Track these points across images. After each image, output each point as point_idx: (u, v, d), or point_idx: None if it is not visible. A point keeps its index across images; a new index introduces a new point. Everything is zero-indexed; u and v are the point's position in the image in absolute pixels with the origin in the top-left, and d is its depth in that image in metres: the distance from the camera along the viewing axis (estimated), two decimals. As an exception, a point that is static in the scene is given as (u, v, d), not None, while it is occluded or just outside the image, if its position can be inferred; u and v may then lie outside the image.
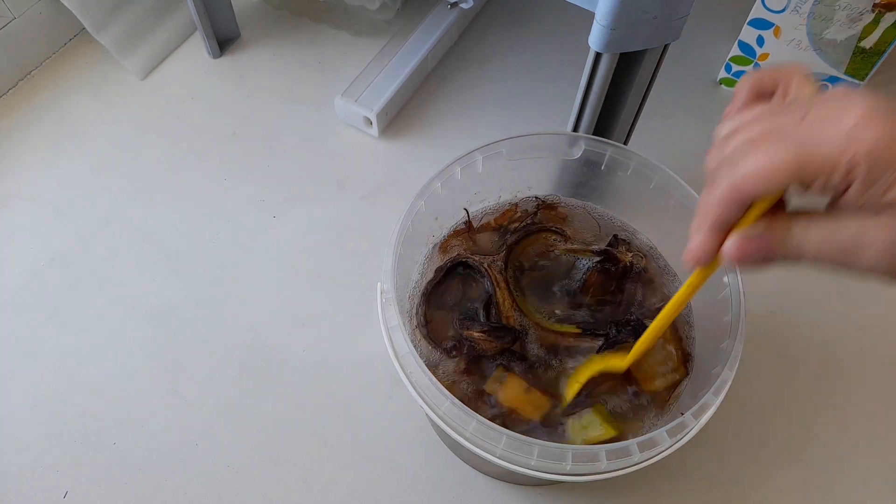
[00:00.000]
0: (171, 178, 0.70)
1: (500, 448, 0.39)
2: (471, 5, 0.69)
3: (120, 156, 0.72)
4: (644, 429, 0.45)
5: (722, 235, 0.30)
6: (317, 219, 0.67)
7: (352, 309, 0.62)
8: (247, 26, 0.81)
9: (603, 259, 0.50)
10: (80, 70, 0.78)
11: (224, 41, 0.80)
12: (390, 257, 0.44)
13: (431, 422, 0.44)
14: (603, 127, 0.55)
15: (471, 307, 0.48)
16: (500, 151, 0.49)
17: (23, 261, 0.64)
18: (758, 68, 0.72)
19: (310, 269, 0.64)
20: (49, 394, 0.57)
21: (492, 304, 0.48)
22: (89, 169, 0.70)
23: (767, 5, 0.67)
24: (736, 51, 0.72)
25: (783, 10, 0.66)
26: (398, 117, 0.74)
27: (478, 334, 0.46)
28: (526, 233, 0.52)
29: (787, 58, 0.69)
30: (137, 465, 0.54)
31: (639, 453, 0.38)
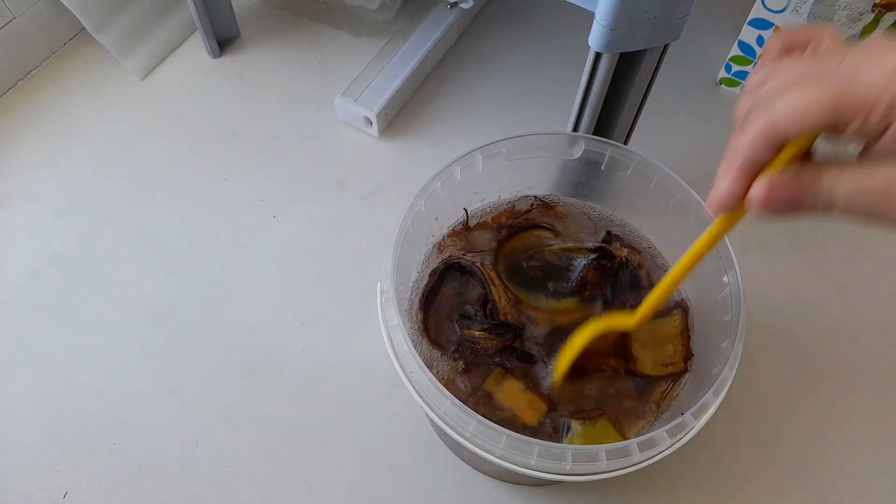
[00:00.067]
0: (171, 178, 0.70)
1: (500, 448, 0.39)
2: (471, 5, 0.69)
3: (120, 156, 0.72)
4: (644, 428, 0.45)
5: (750, 179, 0.29)
6: (317, 219, 0.67)
7: (352, 309, 0.62)
8: (247, 26, 0.81)
9: (599, 256, 0.50)
10: (80, 70, 0.78)
11: (224, 41, 0.80)
12: (390, 257, 0.44)
13: (431, 422, 0.44)
14: (603, 127, 0.55)
15: (468, 308, 0.49)
16: (500, 151, 0.49)
17: (23, 261, 0.64)
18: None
19: (310, 269, 0.64)
20: (49, 394, 0.57)
21: (488, 303, 0.48)
22: (89, 169, 0.70)
23: (767, 5, 0.67)
24: (736, 51, 0.72)
25: (783, 10, 0.66)
26: (398, 117, 0.74)
27: (478, 333, 0.46)
28: (516, 229, 0.52)
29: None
30: (137, 465, 0.54)
31: (639, 453, 0.38)
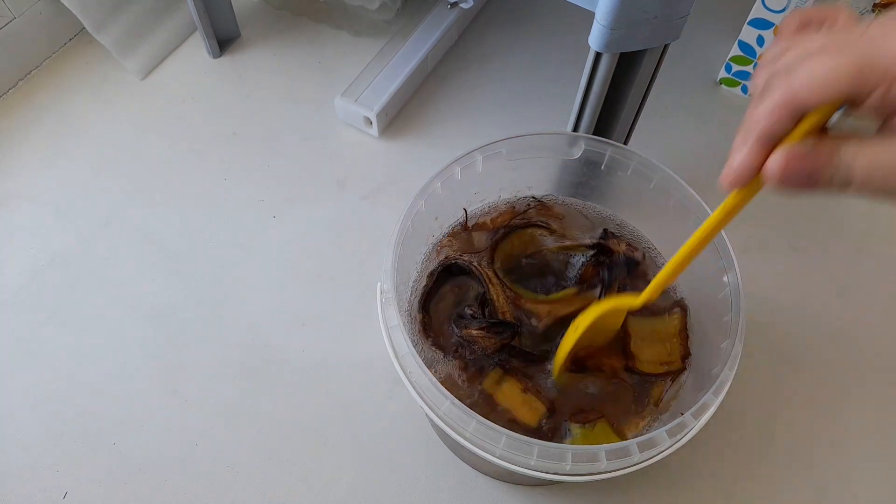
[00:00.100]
0: (171, 178, 0.70)
1: (500, 448, 0.39)
2: (471, 5, 0.69)
3: (120, 156, 0.72)
4: (643, 428, 0.45)
5: (767, 152, 0.28)
6: (317, 219, 0.67)
7: (352, 309, 0.62)
8: (247, 26, 0.81)
9: (597, 252, 0.49)
10: (80, 70, 0.78)
11: (224, 41, 0.80)
12: (390, 257, 0.44)
13: (431, 422, 0.44)
14: (603, 127, 0.55)
15: (466, 308, 0.48)
16: (500, 151, 0.49)
17: (23, 261, 0.64)
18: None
19: (310, 269, 0.64)
20: (49, 394, 0.57)
21: (487, 302, 0.48)
22: (89, 169, 0.70)
23: (767, 5, 0.67)
24: (736, 51, 0.72)
25: (783, 10, 0.66)
26: (398, 117, 0.74)
27: (477, 332, 0.46)
28: (511, 228, 0.52)
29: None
30: (137, 465, 0.54)
31: (639, 453, 0.38)
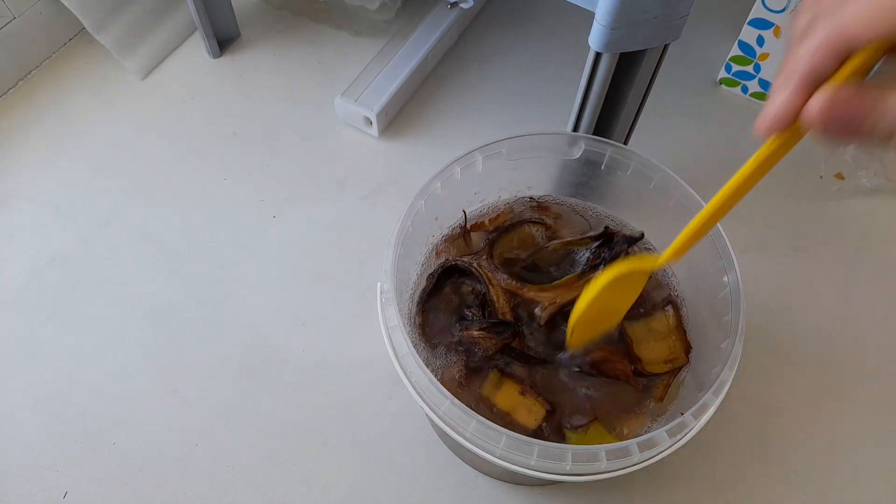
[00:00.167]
0: (171, 178, 0.70)
1: (500, 448, 0.39)
2: (471, 5, 0.69)
3: (120, 156, 0.72)
4: (644, 425, 0.45)
5: (808, 93, 0.27)
6: (317, 219, 0.67)
7: (352, 309, 0.62)
8: (247, 26, 0.81)
9: (601, 242, 0.49)
10: (80, 70, 0.78)
11: (224, 41, 0.80)
12: (390, 257, 0.44)
13: (431, 422, 0.44)
14: (603, 127, 0.55)
15: (466, 310, 0.48)
16: (500, 151, 0.49)
17: (23, 261, 0.64)
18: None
19: (310, 269, 0.64)
20: (49, 394, 0.57)
21: (487, 303, 0.48)
22: (89, 169, 0.70)
23: (767, 5, 0.67)
24: (736, 51, 0.72)
25: (783, 10, 0.66)
26: (398, 117, 0.74)
27: (477, 333, 0.46)
28: (506, 228, 0.52)
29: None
30: (137, 465, 0.54)
31: (639, 453, 0.38)
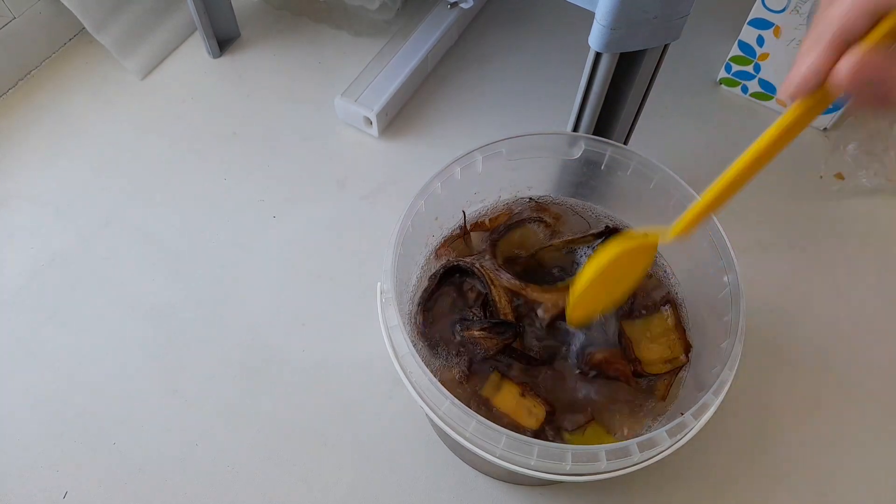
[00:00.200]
0: (171, 178, 0.70)
1: (500, 448, 0.39)
2: (471, 5, 0.69)
3: (120, 156, 0.72)
4: (644, 425, 0.45)
5: (837, 56, 0.26)
6: (317, 219, 0.67)
7: (352, 309, 0.62)
8: (247, 26, 0.81)
9: (603, 240, 0.49)
10: (80, 70, 0.78)
11: (224, 41, 0.80)
12: (390, 257, 0.44)
13: (431, 422, 0.44)
14: (603, 127, 0.55)
15: (468, 310, 0.48)
16: (500, 151, 0.49)
17: (23, 261, 0.64)
18: None
19: (310, 269, 0.64)
20: (49, 394, 0.57)
21: (488, 303, 0.48)
22: (89, 169, 0.70)
23: (767, 5, 0.67)
24: (736, 51, 0.72)
25: (783, 10, 0.66)
26: (398, 117, 0.74)
27: (478, 333, 0.46)
28: (508, 227, 0.52)
29: (788, 58, 0.69)
30: (137, 465, 0.54)
31: (639, 453, 0.38)
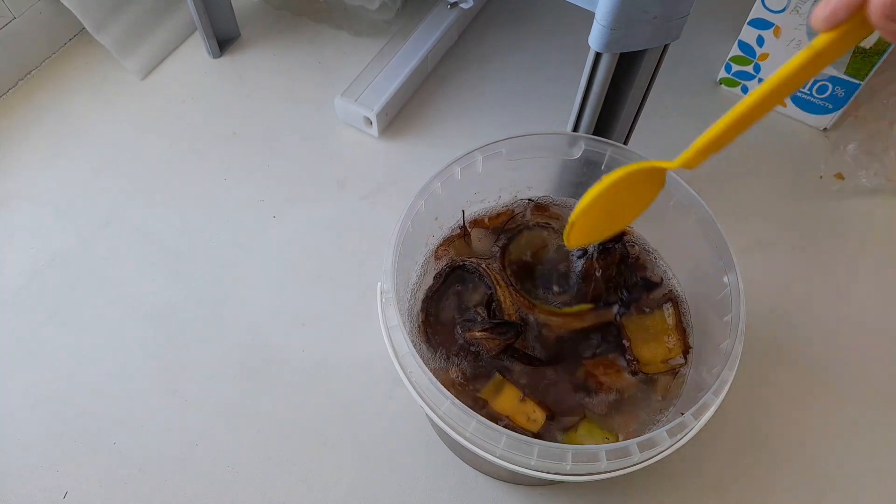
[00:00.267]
0: (171, 178, 0.70)
1: (500, 448, 0.39)
2: (471, 5, 0.69)
3: (120, 156, 0.72)
4: (644, 423, 0.45)
5: None
6: (317, 219, 0.67)
7: (352, 309, 0.62)
8: (247, 26, 0.81)
9: (600, 245, 0.49)
10: (80, 70, 0.78)
11: (224, 41, 0.80)
12: (390, 257, 0.44)
13: (431, 422, 0.44)
14: (603, 127, 0.55)
15: (470, 311, 0.48)
16: (500, 151, 0.49)
17: (23, 261, 0.64)
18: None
19: (310, 269, 0.64)
20: (49, 394, 0.57)
21: (493, 303, 0.48)
22: (89, 169, 0.70)
23: (767, 5, 0.67)
24: (736, 51, 0.72)
25: (783, 10, 0.66)
26: (398, 117, 0.74)
27: (480, 334, 0.46)
28: (515, 233, 0.52)
29: (788, 58, 0.69)
30: (137, 465, 0.54)
31: (639, 453, 0.38)
